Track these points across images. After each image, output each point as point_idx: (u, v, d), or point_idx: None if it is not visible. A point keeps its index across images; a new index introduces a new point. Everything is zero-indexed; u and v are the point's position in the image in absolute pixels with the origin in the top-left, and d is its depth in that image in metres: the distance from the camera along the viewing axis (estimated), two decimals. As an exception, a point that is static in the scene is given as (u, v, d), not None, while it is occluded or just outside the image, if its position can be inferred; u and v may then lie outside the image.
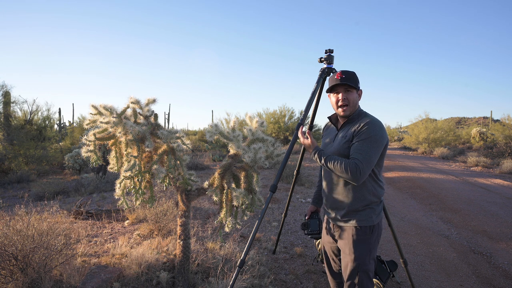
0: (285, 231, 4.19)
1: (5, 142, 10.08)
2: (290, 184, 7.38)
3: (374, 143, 1.68)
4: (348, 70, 1.87)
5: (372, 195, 1.80)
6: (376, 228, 1.82)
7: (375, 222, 1.80)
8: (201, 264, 2.81)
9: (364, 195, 1.79)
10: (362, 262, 1.78)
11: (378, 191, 1.82)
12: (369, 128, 1.71)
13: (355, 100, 1.85)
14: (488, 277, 3.12)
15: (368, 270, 1.80)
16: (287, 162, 2.23)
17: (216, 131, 2.04)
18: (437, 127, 18.78)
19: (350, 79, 1.82)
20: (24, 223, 2.55)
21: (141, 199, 2.26)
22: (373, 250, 1.81)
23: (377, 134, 1.70)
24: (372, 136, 1.69)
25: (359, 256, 1.79)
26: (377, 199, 1.82)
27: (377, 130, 1.71)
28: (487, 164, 11.71)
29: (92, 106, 2.14)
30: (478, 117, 50.99)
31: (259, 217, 2.11)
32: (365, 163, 1.64)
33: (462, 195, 6.63)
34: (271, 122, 19.76)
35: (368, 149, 1.67)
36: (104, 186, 7.25)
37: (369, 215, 1.79)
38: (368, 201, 1.79)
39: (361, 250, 1.79)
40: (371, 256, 1.81)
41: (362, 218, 1.79)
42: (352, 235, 1.81)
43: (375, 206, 1.82)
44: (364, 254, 1.79)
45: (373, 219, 1.80)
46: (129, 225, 4.16)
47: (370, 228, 1.79)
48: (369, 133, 1.70)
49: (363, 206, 1.79)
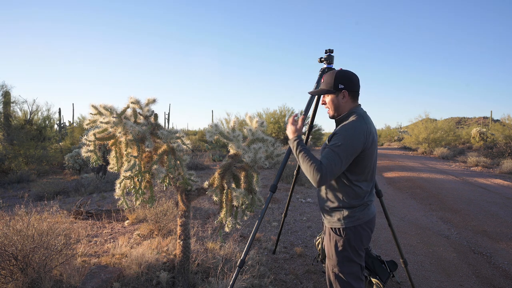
0: (285, 231, 4.20)
1: (5, 142, 10.08)
2: (290, 184, 7.38)
3: (343, 149, 1.63)
4: (330, 72, 1.87)
5: (342, 199, 1.78)
6: (350, 232, 1.77)
7: (344, 226, 1.77)
8: (201, 264, 2.81)
9: (335, 198, 1.80)
10: (334, 263, 1.81)
11: (350, 196, 1.77)
12: (340, 134, 1.68)
13: (336, 102, 1.84)
14: (488, 277, 3.12)
15: (342, 272, 1.78)
16: (287, 162, 2.23)
17: (216, 131, 2.04)
18: (437, 127, 18.78)
19: (326, 83, 1.85)
20: (24, 223, 2.55)
21: (141, 199, 2.26)
22: (347, 252, 1.78)
23: (347, 141, 1.64)
24: (342, 143, 1.64)
25: (330, 256, 1.84)
26: (349, 205, 1.77)
27: (348, 136, 1.65)
28: (487, 164, 11.71)
29: (92, 106, 2.14)
30: (478, 117, 50.99)
31: (259, 217, 2.11)
32: (328, 169, 1.59)
33: (462, 195, 6.63)
34: (271, 122, 19.77)
35: (334, 155, 1.62)
36: (104, 186, 7.25)
37: (337, 218, 1.79)
38: (338, 204, 1.79)
39: (332, 251, 1.82)
40: (346, 259, 1.79)
41: (332, 219, 1.82)
42: (327, 234, 1.86)
43: (346, 210, 1.78)
44: (336, 255, 1.80)
45: (342, 222, 1.77)
46: (129, 225, 4.16)
47: (339, 230, 1.78)
48: (338, 139, 1.66)
49: (333, 208, 1.81)
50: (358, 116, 1.77)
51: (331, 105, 1.86)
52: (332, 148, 1.65)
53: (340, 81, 1.81)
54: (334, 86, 1.82)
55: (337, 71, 1.85)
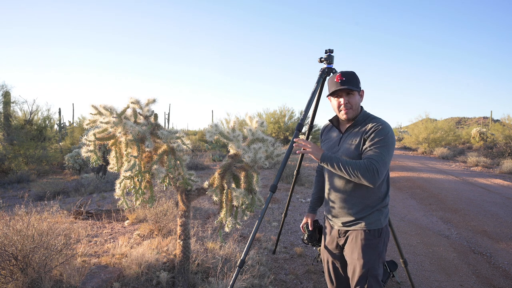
0: (285, 231, 4.19)
1: (5, 142, 10.08)
2: (290, 184, 7.38)
3: (388, 145, 1.69)
4: (348, 71, 1.82)
5: (381, 197, 1.79)
6: (384, 230, 1.79)
7: (383, 225, 1.78)
8: (201, 264, 2.81)
9: (373, 198, 1.77)
10: (372, 267, 1.73)
11: (386, 195, 1.81)
12: (382, 131, 1.70)
13: (358, 102, 1.81)
14: (488, 277, 3.13)
15: (377, 275, 1.75)
16: (287, 162, 2.23)
17: (216, 131, 2.04)
18: (437, 127, 18.79)
19: (350, 81, 1.77)
20: (24, 223, 2.55)
21: (141, 199, 2.26)
22: (382, 254, 1.79)
23: (390, 136, 1.71)
24: (385, 138, 1.69)
25: (368, 261, 1.73)
26: (384, 202, 1.80)
27: (389, 133, 1.72)
28: (487, 164, 11.72)
29: (92, 106, 2.14)
30: (478, 117, 50.97)
31: (259, 217, 2.11)
32: (381, 165, 1.62)
33: (462, 195, 6.63)
34: (271, 122, 19.76)
35: (383, 151, 1.66)
36: (104, 186, 7.25)
37: (377, 218, 1.76)
38: (377, 204, 1.77)
39: (371, 255, 1.74)
40: (381, 260, 1.78)
41: (371, 221, 1.76)
42: (361, 239, 1.76)
43: (383, 209, 1.80)
44: (374, 259, 1.74)
45: (381, 222, 1.77)
46: (129, 225, 4.16)
47: (378, 231, 1.76)
48: (382, 135, 1.69)
49: (372, 209, 1.77)
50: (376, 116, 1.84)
51: (355, 104, 1.81)
52: (379, 145, 1.67)
53: (359, 81, 1.84)
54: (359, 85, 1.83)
55: (353, 71, 1.83)
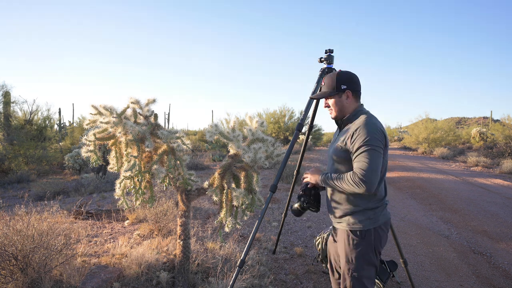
0: (285, 231, 4.19)
1: (5, 142, 10.08)
2: (290, 184, 7.38)
3: (373, 147, 1.62)
4: (331, 74, 1.86)
5: (367, 200, 1.74)
6: (370, 233, 1.74)
7: (366, 228, 1.73)
8: (201, 264, 2.81)
9: (357, 200, 1.75)
10: (354, 267, 1.74)
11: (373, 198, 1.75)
12: (362, 134, 1.65)
13: (340, 104, 1.83)
14: (488, 277, 3.13)
15: (361, 276, 1.74)
16: (287, 162, 2.23)
17: (216, 131, 2.04)
18: (437, 127, 18.80)
19: (328, 86, 1.84)
20: (24, 223, 2.55)
21: (141, 199, 2.26)
22: (368, 255, 1.75)
23: (372, 137, 1.63)
24: (368, 141, 1.62)
25: (349, 261, 1.76)
26: (372, 204, 1.75)
27: (371, 132, 1.64)
28: (487, 164, 11.72)
29: (92, 106, 2.14)
30: (478, 117, 50.97)
31: (259, 217, 2.11)
32: (369, 173, 1.58)
33: (462, 195, 6.63)
34: (271, 122, 19.77)
35: (367, 158, 1.60)
36: (104, 186, 7.25)
37: (360, 219, 1.74)
38: (361, 204, 1.74)
39: (352, 254, 1.75)
40: (366, 262, 1.75)
41: (352, 221, 1.75)
42: (344, 238, 1.78)
43: (368, 211, 1.75)
44: (357, 259, 1.74)
45: (365, 224, 1.73)
46: (129, 225, 4.17)
47: (362, 233, 1.73)
48: (362, 139, 1.63)
49: (355, 208, 1.75)
50: (369, 115, 1.77)
51: (335, 107, 1.84)
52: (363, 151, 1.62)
53: (342, 82, 1.81)
54: (336, 88, 1.81)
55: (337, 72, 1.84)
